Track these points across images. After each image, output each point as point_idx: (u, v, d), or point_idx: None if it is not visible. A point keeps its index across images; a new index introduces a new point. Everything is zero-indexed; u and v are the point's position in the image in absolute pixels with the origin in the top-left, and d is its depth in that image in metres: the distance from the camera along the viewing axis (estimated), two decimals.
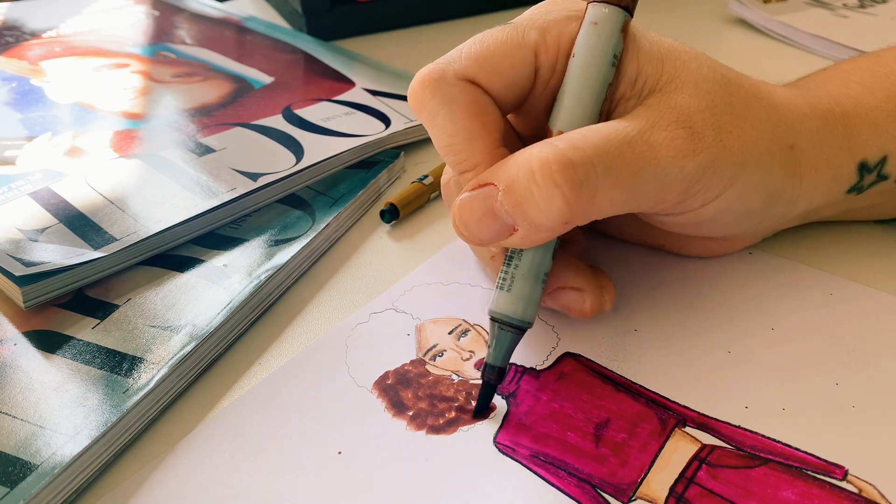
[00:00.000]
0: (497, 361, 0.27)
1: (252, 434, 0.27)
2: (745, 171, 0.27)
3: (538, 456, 0.26)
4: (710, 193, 0.27)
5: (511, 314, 0.26)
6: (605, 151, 0.24)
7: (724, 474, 0.25)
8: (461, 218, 0.26)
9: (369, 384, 0.28)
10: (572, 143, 0.24)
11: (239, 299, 0.31)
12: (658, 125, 0.26)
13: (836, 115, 0.31)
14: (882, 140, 0.31)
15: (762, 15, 0.59)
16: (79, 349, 0.29)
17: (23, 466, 0.24)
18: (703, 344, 0.30)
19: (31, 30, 0.53)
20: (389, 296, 0.33)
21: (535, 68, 0.27)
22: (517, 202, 0.24)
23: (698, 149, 0.26)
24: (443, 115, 0.27)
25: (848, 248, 0.34)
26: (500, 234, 0.25)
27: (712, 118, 0.27)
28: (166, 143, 0.40)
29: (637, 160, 0.25)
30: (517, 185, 0.24)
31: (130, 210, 0.34)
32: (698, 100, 0.27)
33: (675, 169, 0.26)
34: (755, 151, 0.28)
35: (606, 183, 0.24)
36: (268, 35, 0.55)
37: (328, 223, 0.36)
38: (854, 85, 0.33)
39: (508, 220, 0.25)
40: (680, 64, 0.27)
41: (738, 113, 0.27)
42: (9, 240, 0.32)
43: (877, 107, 0.32)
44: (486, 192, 0.25)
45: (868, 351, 0.29)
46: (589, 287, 0.29)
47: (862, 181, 0.32)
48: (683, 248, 0.34)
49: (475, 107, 0.27)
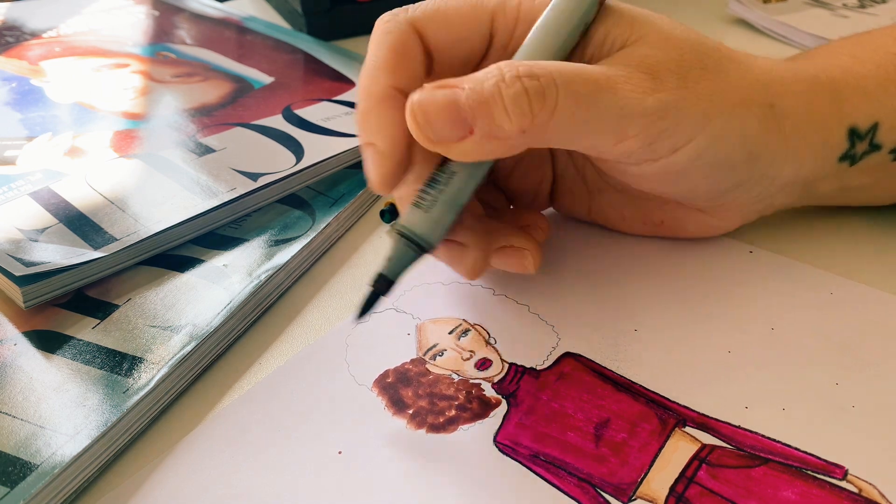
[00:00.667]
0: (392, 274, 0.27)
1: (252, 434, 0.27)
2: (714, 119, 0.28)
3: (538, 456, 0.26)
4: (679, 137, 0.27)
5: (419, 232, 0.27)
6: (565, 72, 0.25)
7: (725, 474, 0.25)
8: (421, 107, 0.25)
9: (369, 383, 0.28)
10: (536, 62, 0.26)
11: (239, 299, 0.31)
12: (618, 67, 0.27)
13: (822, 81, 0.31)
14: (872, 107, 0.31)
15: (762, 15, 0.59)
16: (79, 349, 0.29)
17: (23, 466, 0.24)
18: (703, 344, 0.30)
19: (31, 30, 0.54)
20: (389, 296, 0.33)
21: (489, 30, 0.29)
22: (482, 100, 0.25)
23: (659, 88, 0.26)
24: (373, 45, 0.29)
25: (848, 248, 0.34)
26: (455, 129, 0.25)
27: (678, 69, 0.27)
28: (166, 143, 0.40)
29: (594, 84, 0.26)
30: (485, 84, 0.25)
31: (130, 210, 0.34)
32: (665, 52, 0.27)
33: (634, 101, 0.26)
34: (727, 103, 0.28)
35: (566, 99, 0.25)
36: (268, 35, 0.55)
37: (328, 223, 0.36)
38: (843, 56, 0.33)
39: (468, 117, 0.25)
40: (652, 27, 0.28)
41: (709, 69, 0.28)
42: (9, 240, 0.32)
43: (866, 75, 0.31)
44: (452, 90, 0.25)
45: (868, 351, 0.29)
46: (530, 245, 0.30)
47: (854, 148, 0.31)
48: (681, 226, 0.34)
49: (401, 46, 0.28)
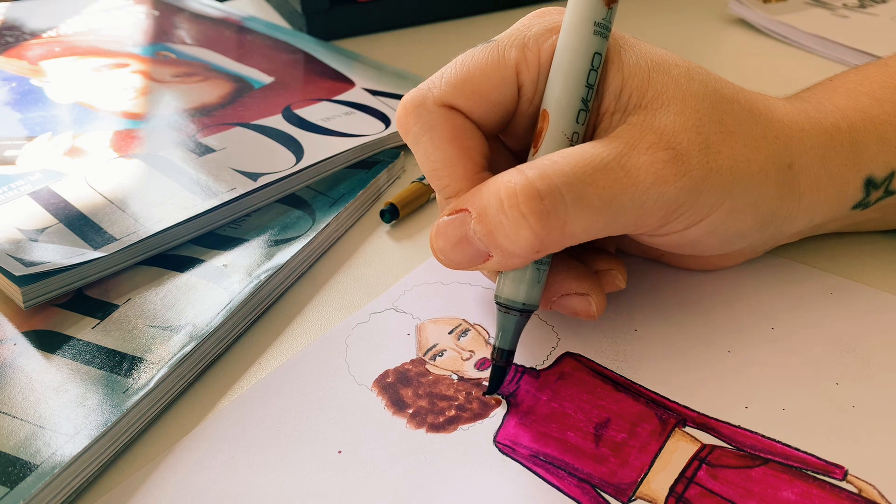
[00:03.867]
0: (506, 345, 0.27)
1: (252, 433, 0.27)
2: (734, 192, 0.26)
3: (538, 456, 0.26)
4: (695, 216, 0.26)
5: (515, 297, 0.27)
6: (575, 179, 0.24)
7: (724, 474, 0.25)
8: (437, 243, 0.26)
9: (369, 382, 0.28)
10: (541, 172, 0.24)
11: (239, 299, 0.31)
12: (638, 148, 0.25)
13: (843, 130, 0.30)
14: (890, 155, 0.30)
15: (762, 15, 0.59)
16: (79, 349, 0.29)
17: (23, 466, 0.24)
18: (703, 344, 0.30)
19: (31, 30, 0.54)
20: (389, 296, 0.33)
21: (517, 87, 0.27)
22: (489, 231, 0.24)
23: (680, 172, 0.25)
24: (424, 142, 0.27)
25: (848, 248, 0.34)
26: (475, 259, 0.25)
27: (699, 137, 0.26)
28: (166, 143, 0.40)
29: (611, 187, 0.24)
30: (488, 213, 0.24)
31: (130, 210, 0.34)
32: (685, 118, 0.26)
33: (655, 195, 0.25)
34: (747, 172, 0.27)
35: (577, 212, 0.24)
36: (268, 35, 0.55)
37: (328, 223, 0.36)
38: (862, 97, 0.31)
39: (482, 248, 0.25)
40: (668, 79, 0.26)
41: (729, 131, 0.26)
42: (9, 240, 0.32)
43: (886, 120, 0.30)
44: (461, 219, 0.25)
45: (868, 351, 0.29)
46: (593, 290, 0.29)
47: (868, 197, 0.31)
48: (682, 263, 0.33)
49: (455, 132, 0.27)
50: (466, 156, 0.27)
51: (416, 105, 0.27)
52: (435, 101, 0.27)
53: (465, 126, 0.27)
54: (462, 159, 0.27)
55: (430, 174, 0.27)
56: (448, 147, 0.27)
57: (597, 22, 0.26)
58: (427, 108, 0.27)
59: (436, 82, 0.27)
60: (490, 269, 0.26)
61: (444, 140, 0.27)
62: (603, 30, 0.26)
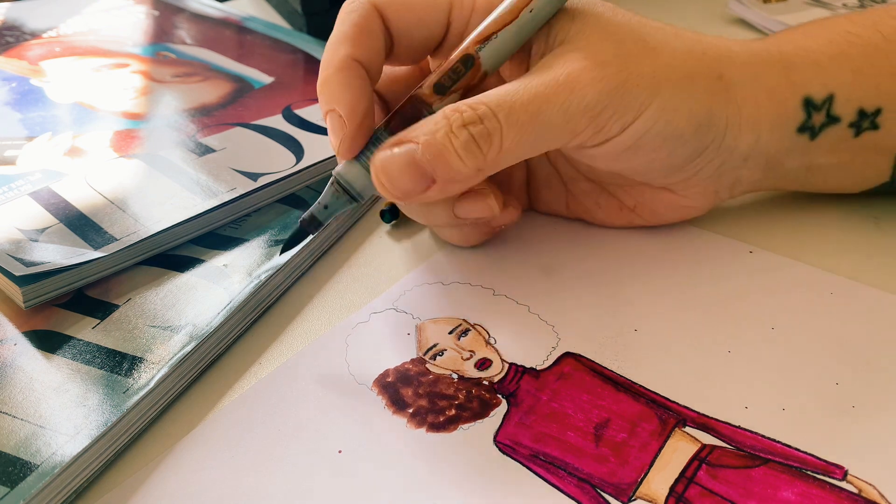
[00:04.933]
0: (322, 216, 0.30)
1: (252, 433, 0.27)
2: (660, 93, 0.28)
3: (538, 455, 0.26)
4: (626, 117, 0.28)
5: (356, 185, 0.29)
6: (504, 102, 0.27)
7: (724, 474, 0.25)
8: (384, 169, 0.28)
9: (369, 382, 0.28)
10: (478, 100, 0.27)
11: (239, 299, 0.31)
12: (555, 65, 0.28)
13: (773, 54, 0.32)
14: (826, 78, 0.31)
15: (762, 15, 0.59)
16: (79, 349, 0.29)
17: (23, 466, 0.24)
18: (703, 344, 0.30)
19: (31, 30, 0.53)
20: (389, 296, 0.33)
21: (447, 18, 0.31)
22: (437, 153, 0.27)
23: (597, 77, 0.27)
24: (336, 24, 0.30)
25: (848, 248, 0.34)
26: (419, 185, 0.27)
27: (618, 50, 0.28)
28: (166, 143, 0.40)
29: (535, 101, 0.27)
30: (436, 137, 0.27)
31: (130, 210, 0.34)
32: (603, 40, 0.28)
33: (576, 100, 0.27)
34: (671, 77, 0.29)
35: (510, 129, 0.27)
36: (268, 35, 0.55)
37: (328, 223, 0.36)
38: (796, 33, 0.33)
39: (428, 170, 0.27)
40: (592, 17, 0.29)
41: (651, 46, 0.29)
42: (9, 240, 0.32)
43: (818, 50, 0.32)
44: (407, 147, 0.27)
45: (868, 351, 0.29)
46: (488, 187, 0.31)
47: (811, 119, 0.32)
48: (655, 210, 0.34)
49: (362, 23, 0.29)
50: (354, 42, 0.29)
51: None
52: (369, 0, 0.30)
53: (374, 26, 0.30)
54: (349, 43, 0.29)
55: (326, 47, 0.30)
56: (348, 29, 0.29)
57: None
58: (360, 1, 0.30)
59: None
60: (431, 199, 0.28)
61: (349, 23, 0.29)
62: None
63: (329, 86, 0.29)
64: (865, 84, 0.32)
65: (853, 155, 0.33)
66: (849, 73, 0.32)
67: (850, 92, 0.32)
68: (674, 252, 0.34)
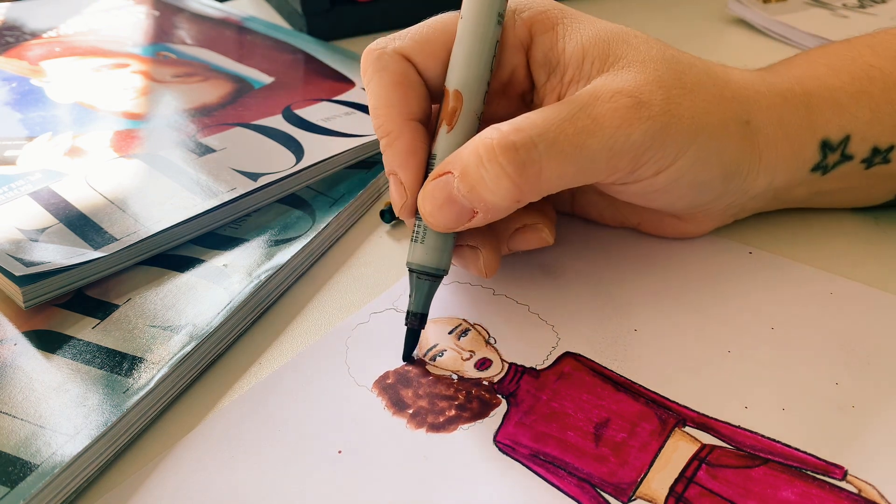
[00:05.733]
0: (418, 308, 0.29)
1: (252, 434, 0.27)
2: (697, 140, 0.28)
3: (538, 455, 0.26)
4: (663, 162, 0.28)
5: (427, 263, 0.29)
6: (546, 130, 0.26)
7: (724, 474, 0.25)
8: (425, 207, 0.27)
9: (369, 383, 0.28)
10: (515, 126, 0.26)
11: (239, 299, 0.31)
12: (601, 98, 0.27)
13: (797, 94, 0.31)
14: (844, 119, 0.32)
15: (762, 15, 0.59)
16: (79, 349, 0.29)
17: (23, 466, 0.24)
18: (702, 344, 0.30)
19: (31, 30, 0.54)
20: (389, 296, 0.33)
21: None
22: (471, 186, 0.26)
23: (644, 117, 0.27)
24: (374, 82, 0.29)
25: (848, 248, 0.34)
26: (461, 217, 0.27)
27: (660, 91, 0.27)
28: (166, 143, 0.40)
29: (580, 134, 0.26)
30: (469, 170, 0.26)
31: (130, 210, 0.34)
32: (645, 75, 0.28)
33: (622, 137, 0.26)
34: (708, 122, 0.28)
35: (551, 160, 0.26)
36: (268, 35, 0.55)
37: (328, 223, 0.36)
38: (819, 67, 0.33)
39: (467, 205, 0.27)
40: (627, 46, 0.28)
41: (688, 88, 0.28)
42: (9, 240, 0.32)
43: (840, 88, 0.32)
44: (445, 181, 0.27)
45: (868, 351, 0.29)
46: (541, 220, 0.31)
47: (825, 159, 0.32)
48: (657, 228, 0.35)
49: (401, 78, 0.29)
50: (404, 101, 0.29)
51: (377, 49, 0.29)
52: (395, 49, 0.29)
53: (413, 77, 0.29)
54: (399, 103, 0.28)
55: (371, 112, 0.29)
56: (391, 89, 0.29)
57: (499, 13, 0.28)
58: (386, 53, 0.29)
59: (401, 35, 0.30)
60: (476, 226, 0.28)
61: (390, 82, 0.29)
62: (500, 19, 0.28)
63: (389, 151, 0.29)
64: (882, 123, 0.32)
65: (861, 181, 0.34)
66: (867, 112, 0.32)
67: (866, 131, 0.32)
68: (674, 252, 0.34)
